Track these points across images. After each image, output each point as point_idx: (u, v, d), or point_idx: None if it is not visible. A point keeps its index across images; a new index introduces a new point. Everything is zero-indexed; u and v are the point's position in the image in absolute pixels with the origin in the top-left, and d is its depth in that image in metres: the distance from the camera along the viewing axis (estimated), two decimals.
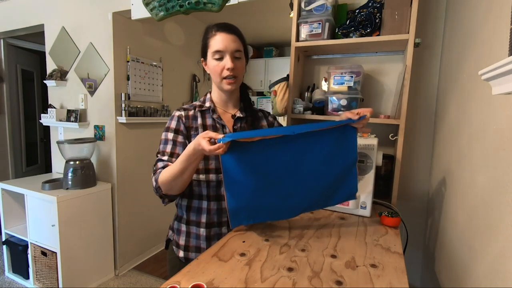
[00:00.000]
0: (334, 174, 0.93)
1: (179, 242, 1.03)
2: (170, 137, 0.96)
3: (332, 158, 0.91)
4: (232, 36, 0.94)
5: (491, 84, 0.54)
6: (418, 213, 1.50)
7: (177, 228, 1.05)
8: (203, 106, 1.02)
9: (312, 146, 0.88)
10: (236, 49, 0.94)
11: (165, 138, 0.97)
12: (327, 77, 1.44)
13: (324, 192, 0.95)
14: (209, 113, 1.01)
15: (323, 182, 0.92)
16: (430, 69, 1.45)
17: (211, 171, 0.97)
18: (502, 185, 0.64)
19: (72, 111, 2.39)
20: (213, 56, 0.94)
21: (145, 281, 2.36)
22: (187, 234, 1.02)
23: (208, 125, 1.00)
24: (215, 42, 0.93)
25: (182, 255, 1.02)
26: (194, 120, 0.99)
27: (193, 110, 1.01)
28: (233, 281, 0.68)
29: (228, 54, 0.93)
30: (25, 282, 2.27)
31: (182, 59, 2.94)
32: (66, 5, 2.41)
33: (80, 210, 2.09)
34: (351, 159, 0.93)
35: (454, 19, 1.23)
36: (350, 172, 0.94)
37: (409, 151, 1.50)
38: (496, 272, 0.63)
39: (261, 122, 1.10)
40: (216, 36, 0.94)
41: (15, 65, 3.10)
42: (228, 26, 0.96)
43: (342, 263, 0.77)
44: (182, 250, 1.02)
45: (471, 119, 0.90)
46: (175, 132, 0.97)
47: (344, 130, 0.91)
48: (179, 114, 0.99)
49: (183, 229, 1.03)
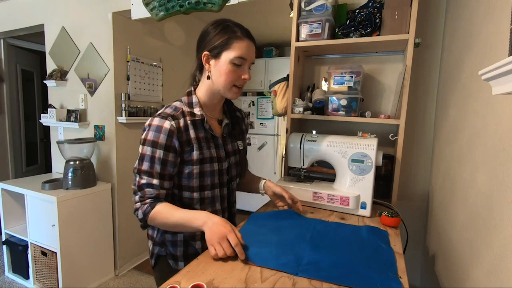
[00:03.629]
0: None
1: (177, 254, 0.95)
2: (159, 154, 0.83)
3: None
4: (253, 47, 0.91)
5: (491, 84, 0.54)
6: (418, 213, 1.50)
7: (171, 240, 0.95)
8: (194, 115, 0.90)
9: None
10: (253, 60, 0.92)
11: (152, 155, 0.83)
12: (327, 77, 1.44)
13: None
14: (200, 123, 0.91)
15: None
16: (430, 69, 1.45)
17: (206, 187, 0.92)
18: (502, 185, 0.64)
19: (72, 111, 2.39)
20: (233, 61, 0.86)
21: (145, 281, 2.36)
22: (185, 243, 0.94)
23: (201, 137, 0.90)
24: (241, 48, 0.86)
25: (182, 267, 0.87)
26: (187, 131, 0.87)
27: (183, 119, 0.88)
28: (233, 281, 0.68)
29: (247, 64, 0.90)
30: (25, 282, 2.27)
31: (182, 59, 2.94)
32: (66, 5, 2.40)
33: (80, 210, 2.09)
34: None
35: (454, 19, 1.23)
36: None
37: (409, 151, 1.50)
38: (496, 272, 0.63)
39: (241, 126, 1.09)
40: (243, 42, 0.87)
41: (15, 65, 3.10)
42: (250, 34, 0.91)
43: None
44: (182, 261, 0.95)
45: (471, 119, 0.90)
46: (166, 150, 0.84)
47: None
48: (171, 125, 0.84)
49: (179, 239, 0.94)
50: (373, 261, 0.77)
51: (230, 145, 1.00)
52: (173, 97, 2.84)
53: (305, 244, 0.85)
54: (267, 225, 0.97)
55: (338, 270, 0.72)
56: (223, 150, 0.96)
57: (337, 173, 1.20)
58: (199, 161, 0.89)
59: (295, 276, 0.70)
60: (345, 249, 0.83)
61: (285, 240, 0.87)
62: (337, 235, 0.93)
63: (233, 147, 1.01)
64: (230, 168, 1.00)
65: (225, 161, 0.97)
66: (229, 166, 0.99)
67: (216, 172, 0.94)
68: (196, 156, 0.88)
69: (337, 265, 0.74)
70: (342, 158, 1.15)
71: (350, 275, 0.70)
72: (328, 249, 0.83)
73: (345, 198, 1.13)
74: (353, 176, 1.14)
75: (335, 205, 1.15)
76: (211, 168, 0.92)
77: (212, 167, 0.92)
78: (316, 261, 0.76)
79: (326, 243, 0.86)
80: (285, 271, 0.72)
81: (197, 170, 0.89)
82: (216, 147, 0.94)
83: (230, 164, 1.00)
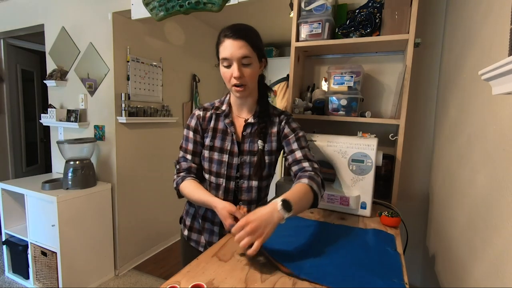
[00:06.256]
0: None
1: (186, 222, 1.15)
2: (191, 135, 1.04)
3: None
4: (240, 42, 0.89)
5: (491, 84, 0.54)
6: (418, 213, 1.50)
7: (187, 209, 1.16)
8: (219, 109, 1.04)
9: None
10: (243, 55, 0.89)
11: (187, 136, 1.05)
12: (327, 77, 1.44)
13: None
14: (222, 117, 1.03)
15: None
16: (430, 69, 1.45)
17: (212, 173, 1.03)
18: (502, 185, 0.64)
19: (72, 111, 2.39)
20: (222, 63, 0.93)
21: (145, 281, 2.36)
22: (193, 216, 1.12)
23: (218, 129, 1.03)
24: (223, 49, 0.91)
25: (186, 233, 1.14)
26: (209, 122, 1.04)
27: (211, 111, 1.04)
28: (233, 281, 0.68)
29: (235, 62, 0.90)
30: (25, 282, 2.27)
31: (182, 59, 2.94)
32: (66, 5, 2.40)
33: (80, 210, 2.09)
34: None
35: (454, 19, 1.23)
36: None
37: (409, 151, 1.50)
38: (496, 272, 0.63)
39: (271, 129, 1.03)
40: (224, 43, 0.90)
41: (15, 65, 3.10)
42: (236, 30, 0.90)
43: None
44: (187, 229, 1.14)
45: (471, 119, 0.90)
46: (194, 132, 1.04)
47: None
48: (198, 114, 1.04)
49: (190, 211, 1.13)
50: (378, 266, 0.75)
51: (247, 144, 1.01)
52: (173, 97, 2.86)
53: (308, 247, 0.85)
54: None
55: (341, 275, 0.71)
56: (236, 146, 1.01)
57: (337, 173, 1.20)
58: (209, 147, 1.02)
59: (298, 276, 0.70)
60: (349, 253, 0.82)
61: (288, 241, 0.87)
62: (341, 238, 0.92)
63: (251, 147, 1.01)
64: (242, 165, 1.01)
65: (237, 156, 1.00)
66: (242, 163, 1.00)
67: (225, 163, 1.00)
68: (207, 142, 1.02)
69: (339, 269, 0.73)
70: (342, 158, 1.15)
71: (352, 280, 0.69)
72: (331, 252, 0.82)
73: (345, 198, 1.13)
74: (353, 176, 1.14)
75: (335, 205, 1.15)
76: (220, 157, 1.01)
77: (221, 157, 1.01)
78: (319, 264, 0.75)
79: (329, 246, 0.86)
80: (289, 268, 0.72)
81: (207, 155, 1.02)
82: (231, 142, 1.01)
83: (243, 161, 1.00)
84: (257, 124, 1.01)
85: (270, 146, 1.03)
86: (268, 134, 1.03)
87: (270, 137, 1.03)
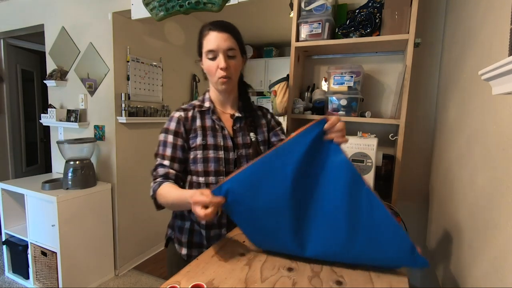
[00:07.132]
0: (341, 202, 0.73)
1: (182, 239, 1.02)
2: (170, 139, 0.96)
3: (328, 183, 0.74)
4: (225, 35, 0.91)
5: (491, 84, 0.54)
6: (418, 213, 1.50)
7: (179, 226, 1.04)
8: (203, 106, 1.01)
9: (305, 168, 0.75)
10: (229, 47, 0.91)
11: (164, 140, 0.96)
12: (327, 77, 1.44)
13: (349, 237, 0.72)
14: (208, 114, 1.00)
15: (335, 216, 0.73)
16: (430, 69, 1.45)
17: (210, 173, 0.96)
18: (502, 185, 0.64)
19: (72, 111, 2.39)
20: (207, 56, 0.93)
21: (145, 281, 2.36)
22: (190, 231, 1.02)
23: (207, 126, 0.99)
24: (208, 41, 0.92)
25: (184, 252, 1.02)
26: (194, 121, 0.98)
27: (192, 111, 1.00)
28: (233, 281, 0.68)
29: (221, 53, 0.91)
30: (25, 282, 2.27)
31: (182, 59, 2.94)
32: (66, 5, 2.40)
33: (80, 210, 2.09)
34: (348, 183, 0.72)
35: (454, 18, 1.23)
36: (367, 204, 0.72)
37: (409, 151, 1.50)
38: (496, 272, 0.63)
39: (260, 121, 1.09)
40: (209, 35, 0.92)
41: (15, 65, 3.10)
42: (221, 24, 0.93)
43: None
44: (185, 247, 1.02)
45: (471, 119, 0.90)
46: (175, 135, 0.96)
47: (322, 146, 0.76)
48: (179, 115, 0.98)
49: (186, 226, 1.02)
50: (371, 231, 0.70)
51: (240, 138, 1.02)
52: (173, 97, 2.86)
53: (294, 215, 0.75)
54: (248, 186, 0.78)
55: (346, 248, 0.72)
56: (230, 141, 0.99)
57: None
58: (202, 146, 0.96)
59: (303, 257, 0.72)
60: (338, 218, 0.73)
61: (270, 209, 0.76)
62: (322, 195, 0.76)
63: (244, 140, 1.02)
64: (239, 160, 1.01)
65: (233, 151, 0.99)
66: (238, 157, 1.00)
67: (222, 160, 0.97)
68: (199, 141, 0.96)
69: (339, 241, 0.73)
70: None
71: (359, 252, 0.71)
72: (322, 221, 0.74)
73: None
74: None
75: None
76: (216, 155, 0.97)
77: (217, 154, 0.97)
78: (320, 239, 0.73)
79: (316, 211, 0.75)
80: (291, 253, 0.74)
81: (201, 155, 0.96)
82: (223, 137, 0.99)
83: (239, 155, 1.00)
84: (245, 118, 1.04)
85: (262, 136, 1.07)
86: (258, 126, 1.07)
87: (261, 128, 1.08)
